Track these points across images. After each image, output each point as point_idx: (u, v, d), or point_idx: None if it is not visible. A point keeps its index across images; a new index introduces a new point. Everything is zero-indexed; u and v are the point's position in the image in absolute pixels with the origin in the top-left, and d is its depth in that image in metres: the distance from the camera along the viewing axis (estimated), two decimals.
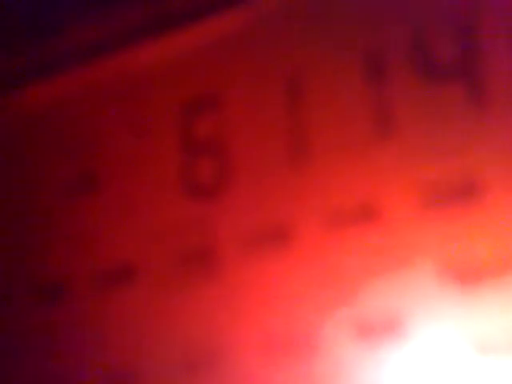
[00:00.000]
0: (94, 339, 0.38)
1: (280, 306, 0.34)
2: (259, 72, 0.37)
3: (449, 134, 0.32)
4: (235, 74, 0.37)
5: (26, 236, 0.41)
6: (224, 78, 0.37)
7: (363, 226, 0.33)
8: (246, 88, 0.37)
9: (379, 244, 0.33)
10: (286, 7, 0.36)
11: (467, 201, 0.32)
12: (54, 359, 0.39)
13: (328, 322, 0.33)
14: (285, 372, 0.33)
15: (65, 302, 0.39)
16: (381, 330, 0.32)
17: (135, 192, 0.38)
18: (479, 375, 0.31)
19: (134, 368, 0.37)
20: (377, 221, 0.33)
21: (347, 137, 0.34)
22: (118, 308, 0.38)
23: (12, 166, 0.42)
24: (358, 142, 0.34)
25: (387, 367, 0.32)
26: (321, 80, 0.35)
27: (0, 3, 0.40)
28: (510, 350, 0.30)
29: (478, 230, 0.31)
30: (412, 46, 0.33)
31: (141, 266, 0.37)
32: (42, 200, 0.41)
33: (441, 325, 0.31)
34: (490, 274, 0.31)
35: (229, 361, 0.35)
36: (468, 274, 0.31)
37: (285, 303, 0.34)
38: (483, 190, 0.31)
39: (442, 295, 0.31)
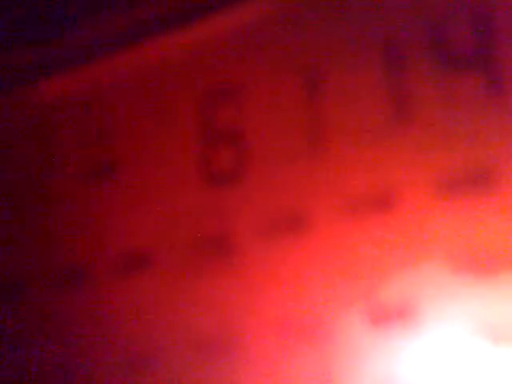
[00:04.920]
0: (111, 325, 0.38)
1: (295, 293, 0.34)
2: (278, 61, 0.37)
3: (466, 122, 0.32)
4: (254, 63, 0.37)
5: (43, 223, 0.41)
6: (243, 67, 0.38)
7: (379, 213, 0.33)
8: (265, 77, 0.37)
9: (395, 231, 0.33)
10: None
11: (483, 189, 0.32)
12: (71, 344, 0.39)
13: (343, 309, 0.33)
14: (299, 357, 0.34)
15: (81, 287, 0.39)
16: (395, 317, 0.32)
17: (153, 179, 0.39)
18: (492, 364, 0.31)
19: (149, 353, 0.37)
20: (393, 208, 0.33)
21: (364, 125, 0.34)
22: (135, 294, 0.38)
23: (31, 153, 0.42)
24: (375, 131, 0.34)
25: (401, 354, 0.32)
26: (339, 69, 0.35)
27: None
28: None
29: (494, 218, 0.31)
30: (430, 34, 0.33)
31: (158, 253, 0.38)
32: (60, 187, 0.41)
33: (455, 313, 0.31)
34: (504, 263, 0.31)
35: (244, 346, 0.35)
36: (483, 262, 0.31)
37: (300, 290, 0.34)
38: (499, 179, 0.31)
39: (457, 283, 0.31)
